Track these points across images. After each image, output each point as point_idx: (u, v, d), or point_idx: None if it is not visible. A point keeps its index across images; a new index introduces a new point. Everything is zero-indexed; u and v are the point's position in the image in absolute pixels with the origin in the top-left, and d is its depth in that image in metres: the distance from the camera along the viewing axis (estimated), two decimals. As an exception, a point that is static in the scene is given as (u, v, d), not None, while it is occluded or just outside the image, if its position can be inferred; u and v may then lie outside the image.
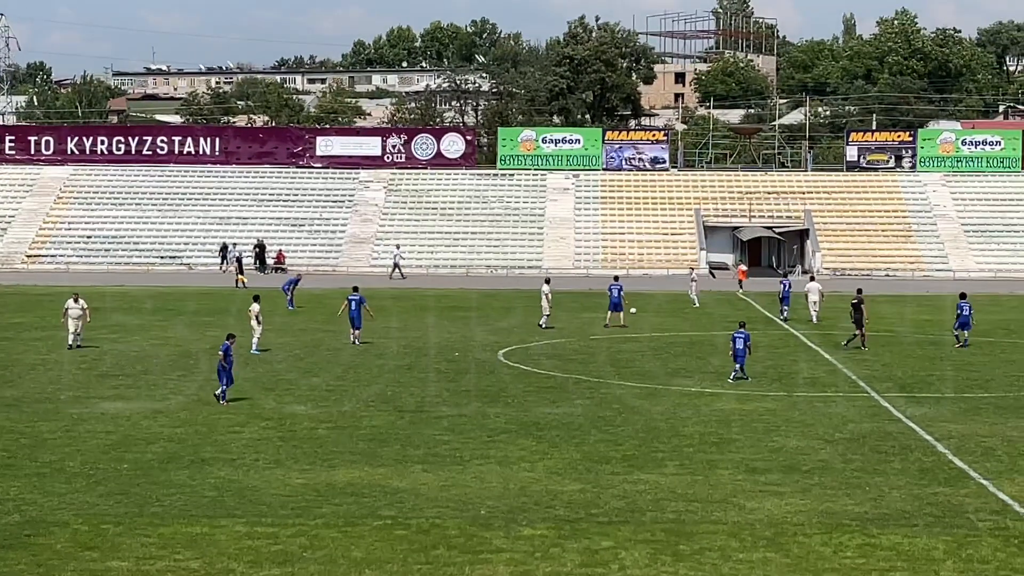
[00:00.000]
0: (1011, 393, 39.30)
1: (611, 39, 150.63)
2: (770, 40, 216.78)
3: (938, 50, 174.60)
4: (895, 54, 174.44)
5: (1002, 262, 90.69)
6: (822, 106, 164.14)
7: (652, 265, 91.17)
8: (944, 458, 29.80)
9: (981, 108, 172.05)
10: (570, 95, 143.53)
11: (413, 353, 47.84)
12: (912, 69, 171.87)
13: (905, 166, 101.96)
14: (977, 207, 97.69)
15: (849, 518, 24.56)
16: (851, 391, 39.56)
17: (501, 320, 58.62)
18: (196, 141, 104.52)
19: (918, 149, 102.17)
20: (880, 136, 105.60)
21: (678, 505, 25.50)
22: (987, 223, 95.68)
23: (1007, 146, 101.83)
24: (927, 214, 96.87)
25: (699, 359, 46.83)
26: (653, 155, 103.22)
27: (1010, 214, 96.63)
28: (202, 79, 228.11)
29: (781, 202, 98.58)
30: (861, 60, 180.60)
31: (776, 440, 31.77)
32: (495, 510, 25.15)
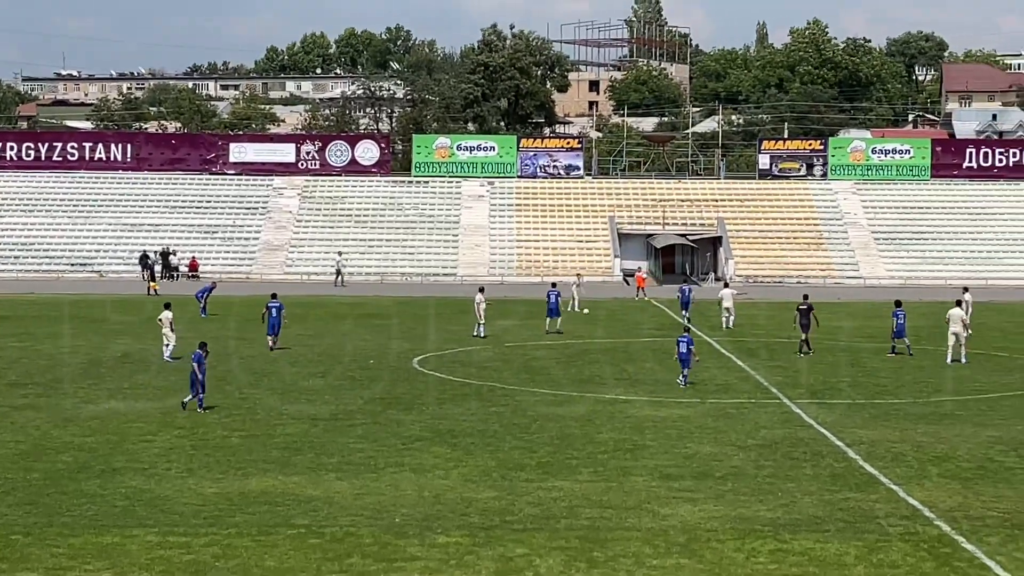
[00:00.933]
0: (920, 399, 39.75)
1: (526, 47, 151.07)
2: (683, 49, 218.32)
3: (849, 60, 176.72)
4: (806, 63, 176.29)
5: (911, 269, 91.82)
6: (735, 114, 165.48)
7: (567, 272, 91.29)
8: (855, 464, 30.08)
9: (891, 117, 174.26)
10: (485, 102, 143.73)
11: (327, 361, 47.64)
12: (823, 78, 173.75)
13: (816, 174, 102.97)
14: (887, 215, 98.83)
15: (762, 524, 24.72)
16: (763, 397, 39.84)
17: (416, 327, 58.50)
18: (107, 147, 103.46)
19: (829, 157, 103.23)
20: (792, 144, 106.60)
21: (592, 512, 25.55)
22: (897, 231, 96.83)
23: (916, 155, 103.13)
24: (838, 222, 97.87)
25: (613, 366, 46.98)
26: (568, 163, 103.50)
27: (919, 222, 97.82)
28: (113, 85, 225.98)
29: (694, 210, 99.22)
30: (773, 69, 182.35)
31: (689, 446, 31.93)
32: (409, 518, 25.08)
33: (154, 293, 75.84)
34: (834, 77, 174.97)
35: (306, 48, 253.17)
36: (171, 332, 47.28)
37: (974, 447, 31.94)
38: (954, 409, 37.70)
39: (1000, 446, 32.07)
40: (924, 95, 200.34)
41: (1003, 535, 24.05)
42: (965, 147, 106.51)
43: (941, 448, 31.81)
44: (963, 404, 38.71)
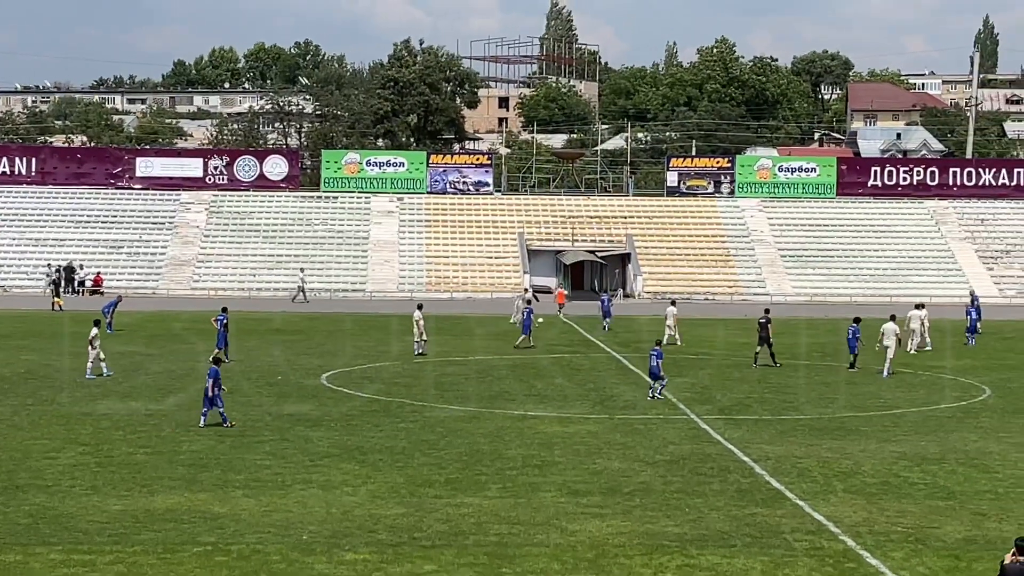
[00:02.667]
0: (825, 415, 40.13)
1: (435, 63, 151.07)
2: (593, 66, 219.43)
3: (756, 78, 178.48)
4: (714, 82, 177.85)
5: (817, 286, 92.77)
6: (643, 132, 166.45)
7: (476, 288, 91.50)
8: (761, 479, 30.30)
9: (797, 135, 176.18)
10: (394, 118, 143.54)
11: (235, 377, 47.25)
12: (731, 97, 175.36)
13: (724, 192, 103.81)
14: (793, 232, 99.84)
15: (669, 539, 24.84)
16: (671, 414, 40.05)
17: (325, 343, 58.19)
18: (11, 161, 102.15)
19: (736, 175, 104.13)
20: (700, 162, 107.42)
21: (501, 528, 25.55)
22: (803, 248, 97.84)
23: (822, 173, 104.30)
24: (745, 239, 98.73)
25: (522, 382, 47.02)
26: (477, 179, 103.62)
27: (825, 239, 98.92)
28: (17, 98, 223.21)
29: (603, 226, 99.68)
30: (681, 87, 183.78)
31: (598, 462, 32.02)
32: (317, 535, 24.94)
33: (58, 308, 74.93)
34: (741, 95, 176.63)
35: (214, 62, 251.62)
36: (91, 349, 46.84)
37: (878, 462, 32.29)
38: (859, 425, 38.10)
39: (904, 461, 32.45)
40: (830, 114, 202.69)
41: (907, 550, 24.33)
42: (870, 166, 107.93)
43: (846, 463, 32.13)
44: (868, 420, 39.13)
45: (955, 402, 43.29)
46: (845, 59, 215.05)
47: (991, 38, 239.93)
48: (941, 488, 29.51)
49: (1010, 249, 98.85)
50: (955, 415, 40.42)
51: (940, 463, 32.32)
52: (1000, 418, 39.84)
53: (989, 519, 26.63)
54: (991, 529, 25.80)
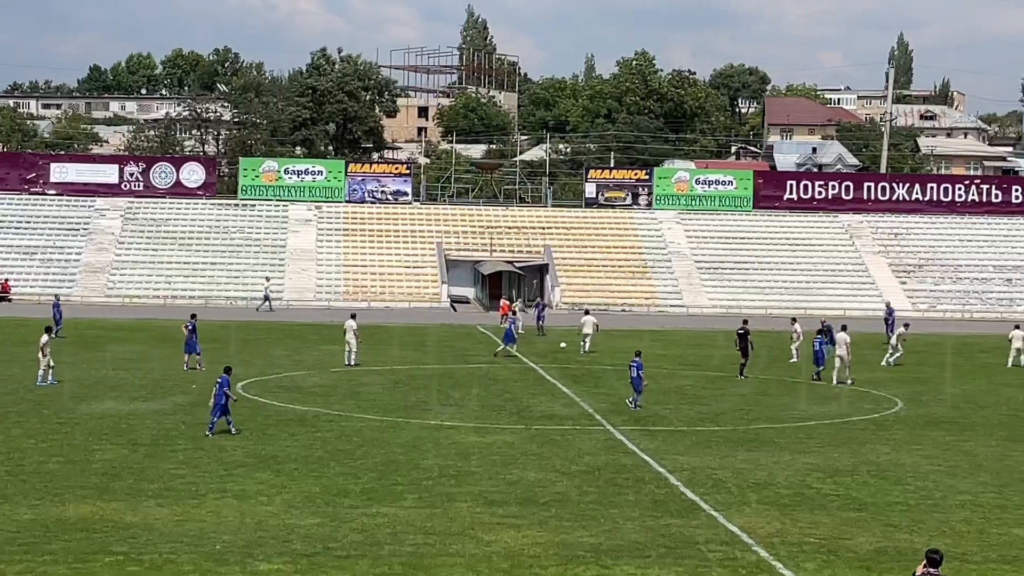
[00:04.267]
0: (740, 426, 40.40)
1: (354, 71, 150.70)
2: (512, 77, 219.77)
3: (674, 92, 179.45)
4: (633, 94, 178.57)
5: (733, 298, 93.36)
6: (562, 143, 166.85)
7: (394, 298, 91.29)
8: (676, 490, 30.44)
9: (714, 149, 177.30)
10: (313, 126, 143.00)
11: (150, 385, 46.88)
12: (649, 109, 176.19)
13: (642, 203, 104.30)
14: (710, 245, 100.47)
15: (584, 549, 24.88)
16: (588, 424, 40.15)
17: (241, 352, 57.80)
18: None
19: (654, 187, 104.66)
20: (618, 174, 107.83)
21: (416, 538, 25.49)
22: (719, 260, 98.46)
23: (739, 186, 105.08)
24: (662, 251, 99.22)
25: (439, 392, 46.97)
26: (396, 188, 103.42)
27: (741, 251, 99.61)
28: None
29: (522, 237, 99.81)
30: (601, 99, 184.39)
31: (514, 473, 32.04)
32: (231, 545, 24.76)
33: (-31, 315, 73.98)
34: (660, 108, 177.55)
35: (131, 68, 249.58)
36: (42, 357, 46.37)
37: (792, 474, 32.54)
38: (773, 436, 38.39)
39: (817, 473, 32.72)
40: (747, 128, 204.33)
41: (819, 561, 24.53)
42: (786, 179, 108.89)
43: (760, 475, 32.35)
44: (782, 431, 39.43)
45: (868, 414, 43.73)
46: (762, 74, 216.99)
47: (905, 55, 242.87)
48: (853, 500, 29.78)
49: (923, 263, 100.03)
50: (868, 427, 40.83)
51: (852, 475, 32.62)
52: (912, 431, 40.29)
53: (900, 531, 26.92)
54: (902, 541, 26.08)
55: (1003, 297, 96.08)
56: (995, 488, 31.37)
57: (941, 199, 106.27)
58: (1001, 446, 37.54)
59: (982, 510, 28.96)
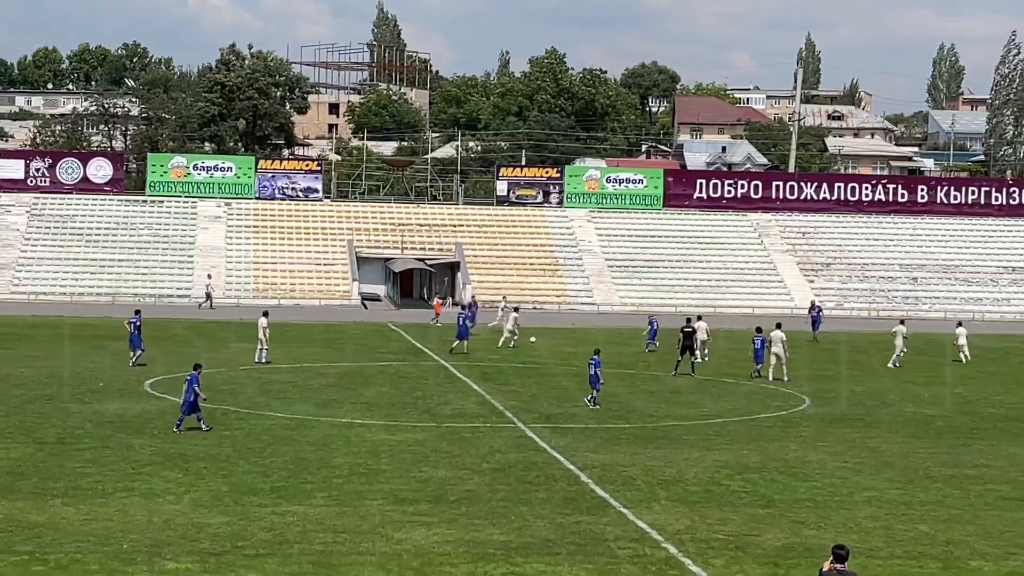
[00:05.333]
0: (650, 424, 40.60)
1: (264, 67, 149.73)
2: (423, 74, 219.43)
3: (585, 90, 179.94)
4: (544, 92, 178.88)
5: (643, 297, 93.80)
6: (473, 141, 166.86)
7: (304, 295, 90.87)
8: (586, 487, 30.54)
9: (625, 147, 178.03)
10: (222, 122, 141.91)
11: (55, 383, 46.33)
12: (561, 108, 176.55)
13: (553, 201, 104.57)
14: (620, 243, 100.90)
15: (494, 547, 24.90)
16: (499, 422, 40.19)
17: (149, 350, 57.22)
18: None
19: (565, 185, 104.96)
20: (529, 172, 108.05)
21: (326, 536, 25.38)
22: (630, 259, 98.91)
23: (649, 184, 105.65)
24: (573, 249, 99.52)
25: (350, 390, 46.82)
26: (306, 185, 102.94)
27: (651, 250, 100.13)
28: None
29: (433, 235, 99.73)
30: (512, 97, 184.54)
31: (425, 470, 32.00)
32: (138, 544, 24.53)
33: None
34: (571, 107, 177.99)
35: (37, 62, 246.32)
36: None
37: (701, 471, 32.75)
38: (682, 434, 38.62)
39: (726, 470, 32.96)
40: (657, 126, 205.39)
41: (727, 557, 24.71)
42: (696, 178, 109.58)
43: (669, 472, 32.53)
44: (691, 429, 39.68)
45: (776, 412, 44.12)
46: (672, 73, 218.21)
47: (813, 56, 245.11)
48: (761, 496, 30.03)
49: (830, 262, 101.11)
50: (776, 425, 41.19)
51: (760, 472, 32.89)
52: (818, 428, 40.69)
53: (807, 527, 27.17)
54: (809, 537, 26.33)
55: (909, 295, 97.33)
56: (900, 484, 31.76)
57: (848, 198, 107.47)
58: (906, 443, 38.01)
59: (888, 506, 29.31)
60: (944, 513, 28.76)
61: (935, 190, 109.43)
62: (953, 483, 32.09)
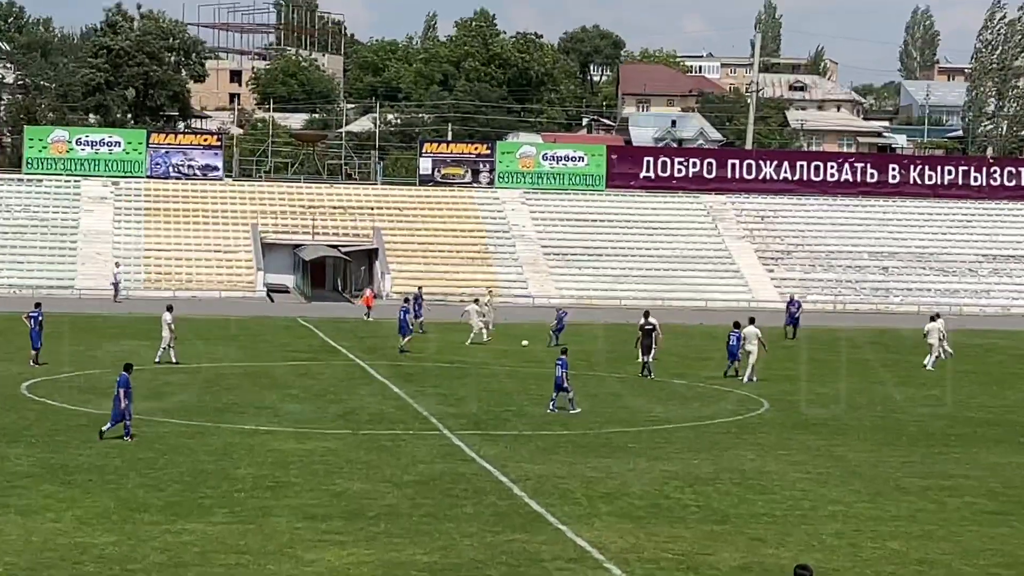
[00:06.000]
0: (591, 431, 40.69)
1: (156, 29, 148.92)
2: (337, 39, 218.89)
3: (518, 56, 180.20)
4: (473, 59, 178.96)
5: (584, 288, 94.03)
6: (393, 113, 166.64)
7: (202, 286, 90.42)
8: (520, 501, 30.60)
9: (563, 121, 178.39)
10: (109, 91, 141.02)
11: (-82, 386, 45.92)
12: (491, 76, 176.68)
13: (483, 181, 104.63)
14: (558, 228, 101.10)
15: (417, 569, 24.92)
16: (422, 429, 40.18)
17: (26, 347, 56.77)
18: None
19: (496, 163, 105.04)
20: (456, 148, 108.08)
21: (227, 558, 25.31)
22: (568, 245, 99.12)
23: (591, 162, 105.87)
24: (505, 234, 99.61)
25: (255, 393, 46.67)
26: (205, 162, 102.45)
27: (593, 236, 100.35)
28: None
29: (348, 218, 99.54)
30: (437, 64, 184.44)
31: (338, 483, 31.96)
32: (13, 567, 24.38)
33: None
34: (503, 75, 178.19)
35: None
36: None
37: (648, 483, 32.88)
38: (627, 441, 38.74)
39: (676, 481, 33.11)
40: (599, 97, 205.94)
41: (677, 578, 24.86)
42: (643, 155, 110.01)
43: (613, 484, 32.65)
44: (637, 436, 39.82)
45: (731, 416, 44.36)
46: (616, 38, 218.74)
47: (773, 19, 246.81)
48: (715, 511, 30.20)
49: (791, 250, 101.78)
50: (730, 431, 41.41)
51: (714, 483, 33.07)
52: (778, 434, 40.95)
53: (766, 545, 27.35)
54: (768, 556, 26.51)
55: (878, 287, 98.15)
56: (869, 497, 32.02)
57: (812, 178, 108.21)
58: (875, 451, 38.32)
59: (855, 521, 29.55)
60: (917, 529, 29.03)
61: (908, 169, 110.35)
62: (927, 495, 32.40)
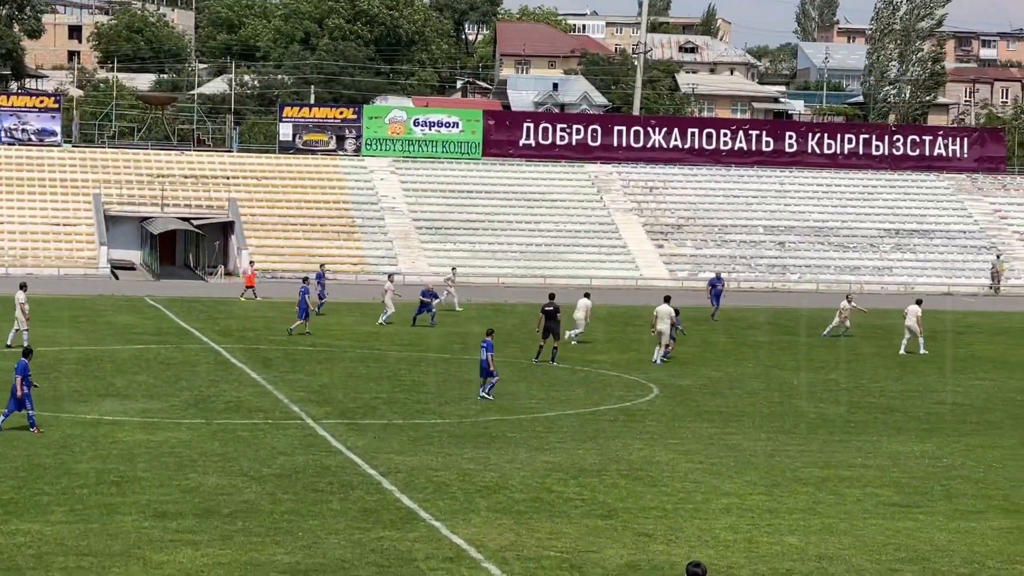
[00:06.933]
0: (468, 419, 40.73)
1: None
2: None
3: (386, 13, 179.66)
4: (337, 16, 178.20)
5: (459, 264, 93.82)
6: (250, 74, 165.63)
7: (39, 263, 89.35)
8: (391, 496, 30.56)
9: (436, 83, 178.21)
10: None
11: None
12: (356, 34, 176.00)
13: (348, 148, 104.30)
14: (431, 200, 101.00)
15: (278, 569, 24.82)
16: (283, 418, 40.02)
17: None
18: None
19: (363, 129, 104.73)
20: (319, 112, 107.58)
21: (67, 560, 25.05)
22: (442, 218, 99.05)
23: (466, 129, 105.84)
24: (373, 206, 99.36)
25: (97, 379, 46.24)
26: (41, 126, 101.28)
27: (468, 208, 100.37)
28: None
29: (201, 188, 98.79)
30: (298, 21, 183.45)
31: (191, 478, 31.74)
32: None
33: None
34: (369, 34, 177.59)
35: None
36: None
37: (528, 475, 32.96)
38: (507, 430, 38.82)
39: (558, 473, 33.22)
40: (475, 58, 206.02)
41: (561, 577, 24.94)
42: (522, 121, 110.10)
43: (491, 476, 32.69)
44: (517, 424, 39.91)
45: (618, 403, 44.57)
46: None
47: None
48: (600, 504, 30.33)
49: (682, 223, 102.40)
50: (617, 419, 41.61)
51: (600, 475, 33.21)
52: (668, 422, 41.21)
53: (655, 540, 27.51)
54: (657, 552, 26.66)
55: (774, 264, 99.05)
56: (764, 489, 32.31)
57: (703, 147, 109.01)
58: (772, 439, 38.69)
59: (750, 515, 29.80)
60: (816, 522, 29.34)
61: (806, 137, 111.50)
62: (826, 486, 32.75)
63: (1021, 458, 36.77)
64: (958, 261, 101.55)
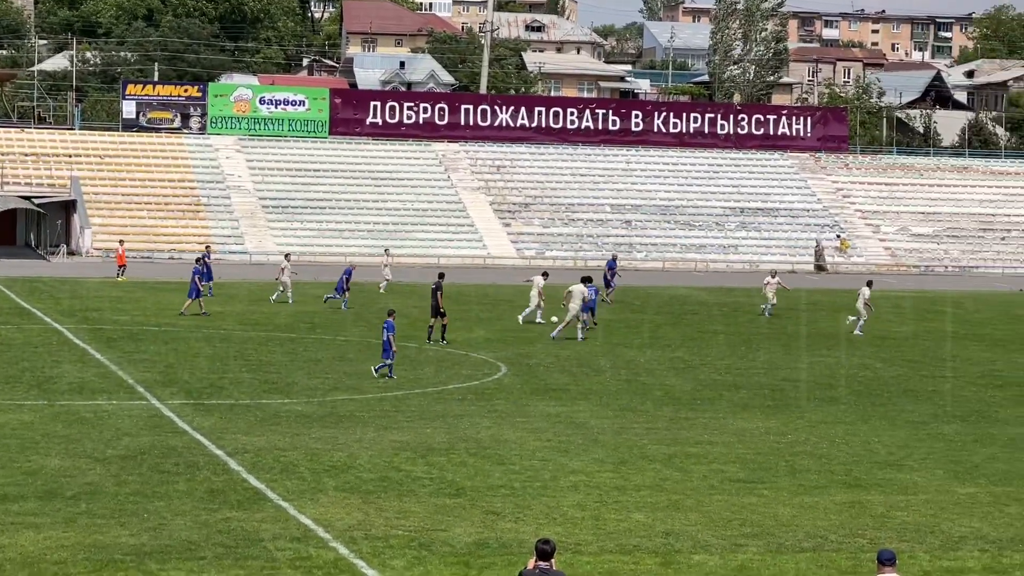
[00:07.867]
0: (315, 398, 40.61)
1: None
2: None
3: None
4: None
5: (305, 243, 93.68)
6: (92, 51, 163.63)
7: None
8: (238, 477, 30.41)
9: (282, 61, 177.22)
10: None
11: None
12: (200, 11, 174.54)
13: (193, 127, 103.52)
14: (277, 178, 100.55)
15: (123, 552, 24.58)
16: (128, 398, 39.66)
17: None
18: None
19: (209, 107, 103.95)
20: (163, 90, 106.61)
21: (-93, 545, 24.67)
22: (289, 197, 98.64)
23: (312, 107, 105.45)
24: (219, 185, 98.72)
25: (-64, 361, 45.59)
26: None
27: (315, 187, 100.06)
28: None
29: (42, 166, 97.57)
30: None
31: (33, 460, 31.37)
32: None
33: None
34: (214, 10, 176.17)
35: None
36: None
37: (376, 454, 32.95)
38: (355, 410, 38.75)
39: (406, 452, 33.23)
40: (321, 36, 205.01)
41: (409, 557, 24.92)
42: (369, 100, 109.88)
43: (339, 456, 32.63)
44: (365, 404, 39.87)
45: (466, 382, 44.66)
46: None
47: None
48: (449, 483, 30.38)
49: (529, 202, 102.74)
50: (466, 397, 41.69)
51: (448, 454, 33.27)
52: (517, 400, 41.35)
53: (504, 518, 27.60)
54: (506, 530, 26.75)
55: (621, 242, 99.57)
56: (612, 466, 32.52)
57: (550, 126, 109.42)
58: (619, 417, 38.95)
59: (597, 492, 29.98)
60: (663, 499, 29.58)
61: (652, 116, 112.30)
62: (673, 463, 33.03)
63: (863, 434, 37.33)
64: (802, 239, 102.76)
